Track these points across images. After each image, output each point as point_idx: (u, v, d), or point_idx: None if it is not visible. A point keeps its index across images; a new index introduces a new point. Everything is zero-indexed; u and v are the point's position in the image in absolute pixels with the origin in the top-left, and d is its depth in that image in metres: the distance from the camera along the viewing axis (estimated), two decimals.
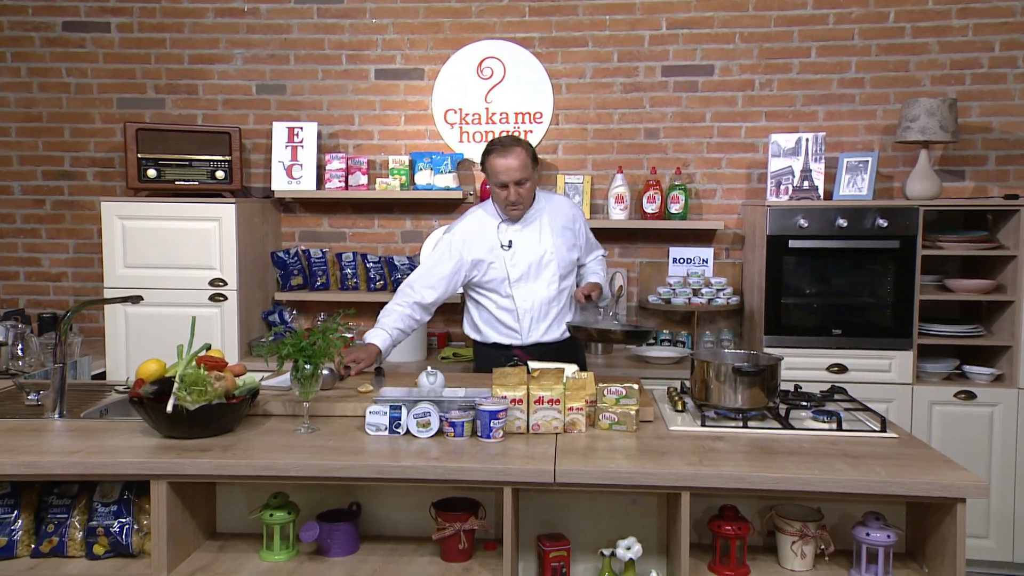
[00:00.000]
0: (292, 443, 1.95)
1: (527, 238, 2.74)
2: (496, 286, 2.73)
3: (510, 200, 2.65)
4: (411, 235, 3.90)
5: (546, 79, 3.76)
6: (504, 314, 2.76)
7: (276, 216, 3.89)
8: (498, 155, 2.62)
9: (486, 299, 2.78)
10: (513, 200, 2.64)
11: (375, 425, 2.03)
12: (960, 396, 3.24)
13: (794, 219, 3.27)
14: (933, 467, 1.80)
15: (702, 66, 3.70)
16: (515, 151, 2.62)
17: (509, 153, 2.62)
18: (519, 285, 2.72)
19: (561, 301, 2.77)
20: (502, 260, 2.71)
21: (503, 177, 2.62)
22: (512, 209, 2.68)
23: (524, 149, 2.64)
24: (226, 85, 3.87)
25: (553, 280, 2.74)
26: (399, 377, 2.61)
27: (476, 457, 1.86)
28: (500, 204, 2.69)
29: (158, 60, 3.87)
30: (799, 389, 2.44)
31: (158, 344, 3.30)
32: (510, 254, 2.71)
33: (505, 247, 2.71)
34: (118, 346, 3.46)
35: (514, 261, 2.71)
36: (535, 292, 2.73)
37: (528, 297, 2.73)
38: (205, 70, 3.87)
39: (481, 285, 2.76)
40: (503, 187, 2.63)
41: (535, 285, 2.73)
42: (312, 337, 2.05)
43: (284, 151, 3.72)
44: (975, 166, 3.62)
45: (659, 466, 1.81)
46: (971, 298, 3.31)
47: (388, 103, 3.85)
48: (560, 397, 2.05)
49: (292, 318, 3.76)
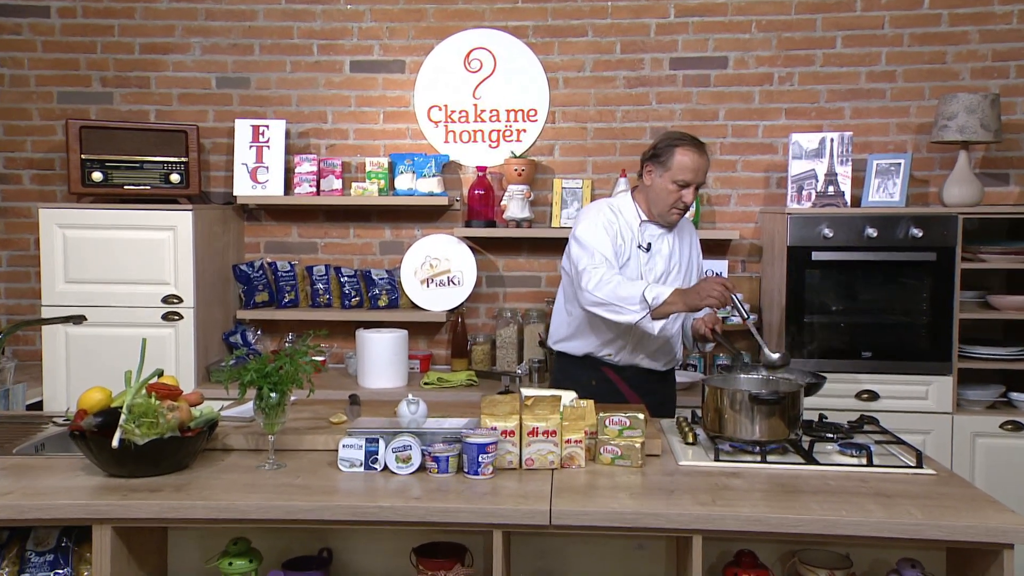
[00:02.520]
0: (255, 481, 1.94)
1: (664, 247, 2.75)
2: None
3: (684, 202, 2.65)
4: (391, 246, 3.91)
5: (541, 72, 3.79)
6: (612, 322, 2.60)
7: (239, 225, 3.89)
8: (690, 149, 2.62)
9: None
10: (687, 202, 2.66)
11: (349, 460, 2.03)
12: (1007, 427, 3.26)
13: (818, 228, 3.30)
14: (976, 508, 1.81)
15: (715, 58, 3.75)
16: (705, 152, 2.65)
17: (701, 152, 2.63)
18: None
19: (674, 329, 2.75)
20: (637, 260, 2.70)
21: (690, 176, 2.61)
22: (677, 213, 2.69)
23: (707, 153, 2.68)
24: (182, 78, 3.88)
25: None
26: (376, 406, 2.61)
27: (462, 496, 1.86)
28: (666, 204, 2.66)
29: (105, 49, 3.89)
30: (824, 419, 2.45)
31: (103, 370, 3.28)
32: (646, 257, 2.71)
33: (643, 248, 2.71)
34: (57, 372, 3.44)
35: (648, 266, 2.71)
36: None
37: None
38: (158, 61, 3.88)
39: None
40: (684, 186, 2.63)
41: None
42: (278, 361, 2.06)
43: (248, 152, 3.74)
44: (1021, 169, 3.66)
45: (667, 506, 1.82)
46: (1018, 316, 3.33)
47: (365, 99, 3.87)
48: (556, 428, 2.06)
49: (256, 339, 3.76)
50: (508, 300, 3.89)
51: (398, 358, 3.48)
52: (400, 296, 3.78)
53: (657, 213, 2.71)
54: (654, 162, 2.67)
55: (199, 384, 3.46)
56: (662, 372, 2.80)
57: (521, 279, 3.88)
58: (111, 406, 2.03)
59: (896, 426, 2.83)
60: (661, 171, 2.64)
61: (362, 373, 3.46)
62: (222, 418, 2.30)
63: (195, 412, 2.08)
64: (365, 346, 3.44)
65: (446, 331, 3.90)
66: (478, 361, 3.76)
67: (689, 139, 2.66)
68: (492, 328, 3.84)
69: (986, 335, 3.52)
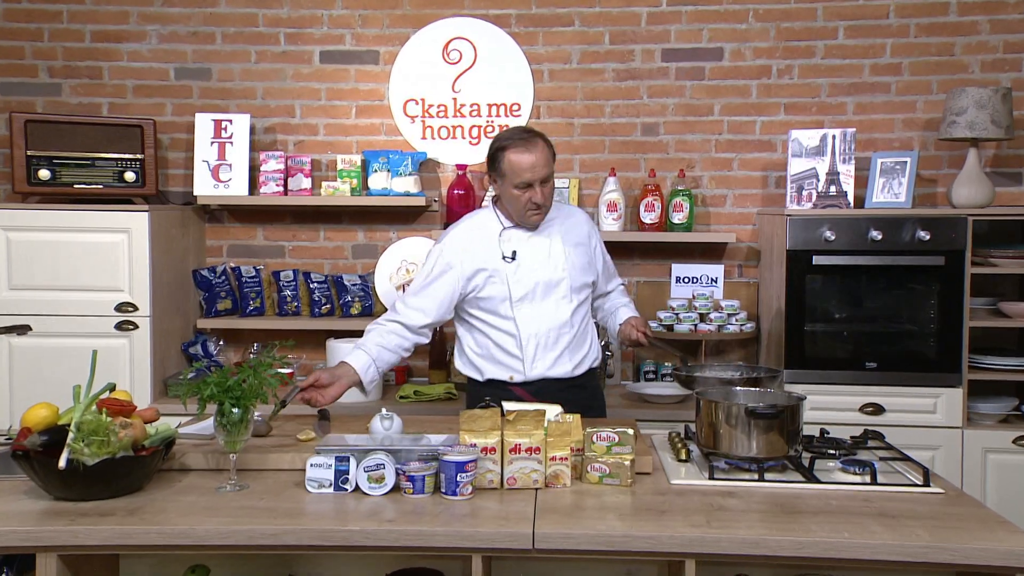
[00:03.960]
0: (215, 504, 1.93)
1: (534, 250, 2.74)
2: (495, 306, 2.73)
3: (535, 202, 2.66)
4: (364, 249, 3.90)
5: (525, 64, 3.81)
6: (505, 339, 2.73)
7: (199, 227, 3.87)
8: (519, 149, 2.62)
9: (482, 323, 2.77)
10: (539, 202, 2.66)
11: (317, 481, 2.02)
12: (1020, 442, 3.28)
13: (819, 231, 3.33)
14: (987, 529, 1.83)
15: (709, 49, 3.77)
16: (537, 144, 2.64)
17: (532, 146, 2.63)
18: (522, 306, 2.72)
19: (574, 329, 2.76)
20: (503, 274, 2.71)
21: (528, 175, 2.62)
22: (534, 214, 2.69)
23: (544, 141, 2.67)
24: (138, 68, 3.86)
25: (564, 302, 2.74)
26: (348, 421, 2.60)
27: (439, 519, 1.86)
28: (519, 209, 2.68)
29: (53, 37, 3.86)
30: (826, 434, 2.47)
31: (49, 384, 3.25)
32: (513, 267, 2.71)
33: (508, 259, 2.71)
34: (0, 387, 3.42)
35: (518, 276, 2.71)
36: (542, 315, 2.72)
37: (533, 321, 2.72)
38: (111, 50, 3.86)
39: (477, 304, 2.75)
40: (526, 187, 2.63)
41: (542, 307, 2.73)
42: (241, 374, 2.05)
43: (209, 148, 3.72)
44: None
45: (659, 528, 1.82)
46: None
47: (336, 92, 3.87)
48: (540, 445, 2.06)
49: (218, 350, 3.74)
50: None
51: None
52: (374, 303, 3.77)
53: (517, 218, 2.72)
54: (493, 170, 2.69)
55: (155, 399, 3.44)
56: (576, 378, 2.77)
57: None
58: (58, 423, 2.01)
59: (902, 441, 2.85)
60: (501, 179, 2.66)
61: None
62: (180, 436, 2.28)
63: (150, 429, 2.06)
64: (336, 357, 3.41)
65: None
66: (457, 373, 3.75)
67: (517, 136, 2.65)
68: None
69: (998, 344, 3.56)
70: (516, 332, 2.72)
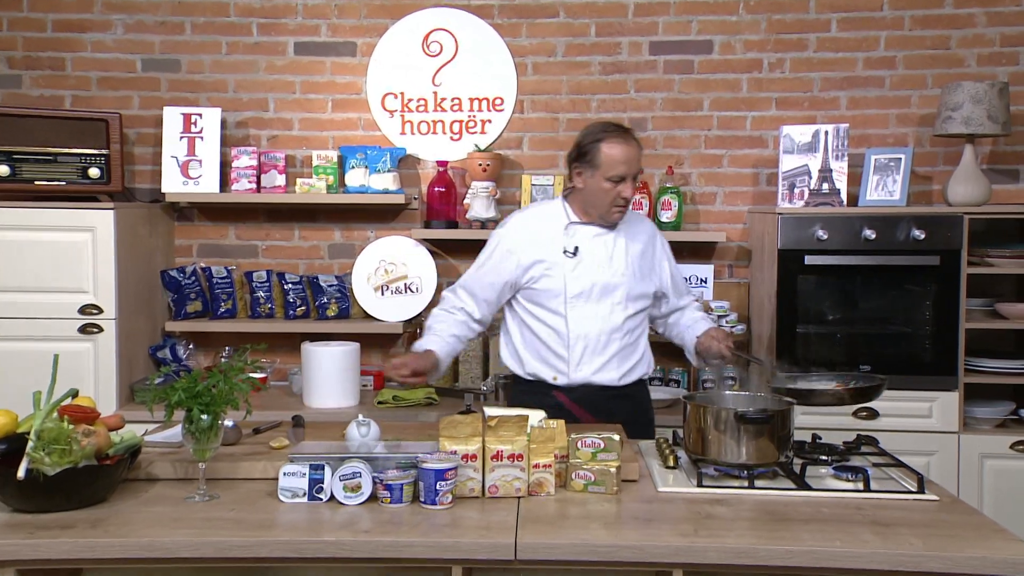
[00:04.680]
0: (183, 515, 1.93)
1: (597, 250, 2.76)
2: (547, 300, 2.75)
3: (623, 197, 2.69)
4: (341, 249, 3.89)
5: (508, 57, 3.81)
6: (552, 337, 2.76)
7: (168, 225, 3.86)
8: (616, 141, 2.66)
9: (531, 316, 2.79)
10: (627, 197, 2.69)
11: (291, 490, 2.02)
12: (1018, 447, 3.32)
13: (811, 229, 3.35)
14: (982, 537, 1.85)
15: (699, 42, 3.79)
16: (632, 138, 2.70)
17: (629, 140, 2.68)
18: (576, 304, 2.73)
19: (626, 337, 2.77)
20: (562, 268, 2.73)
21: (622, 169, 2.64)
22: (619, 210, 2.72)
23: (636, 138, 2.74)
24: (102, 59, 3.84)
25: (618, 308, 2.75)
26: (323, 428, 2.60)
27: (418, 529, 1.86)
28: (605, 203, 2.70)
29: (12, 26, 3.83)
30: (818, 440, 2.49)
31: (8, 390, 3.21)
32: (573, 263, 2.74)
33: (569, 253, 2.74)
34: None
35: (576, 273, 2.73)
36: (594, 317, 2.74)
37: (584, 321, 2.73)
38: (75, 40, 3.84)
39: (529, 296, 2.78)
40: (619, 181, 2.66)
41: (596, 309, 2.74)
42: (211, 379, 2.04)
43: (178, 144, 3.70)
44: None
45: (645, 537, 1.83)
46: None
47: (311, 85, 3.86)
48: (523, 451, 2.06)
49: (188, 354, 3.72)
50: None
51: (349, 374, 3.47)
52: (351, 305, 3.76)
53: (597, 215, 2.74)
54: (582, 162, 2.71)
55: (121, 405, 3.41)
56: (623, 387, 2.78)
57: None
58: (17, 431, 2.00)
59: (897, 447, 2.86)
60: (591, 171, 2.68)
61: (308, 391, 3.44)
62: (146, 444, 2.28)
63: (114, 437, 2.05)
64: (311, 361, 3.42)
65: (403, 344, 3.88)
66: (439, 378, 3.75)
67: (613, 129, 2.70)
68: None
69: (995, 347, 3.59)
70: (565, 331, 2.74)
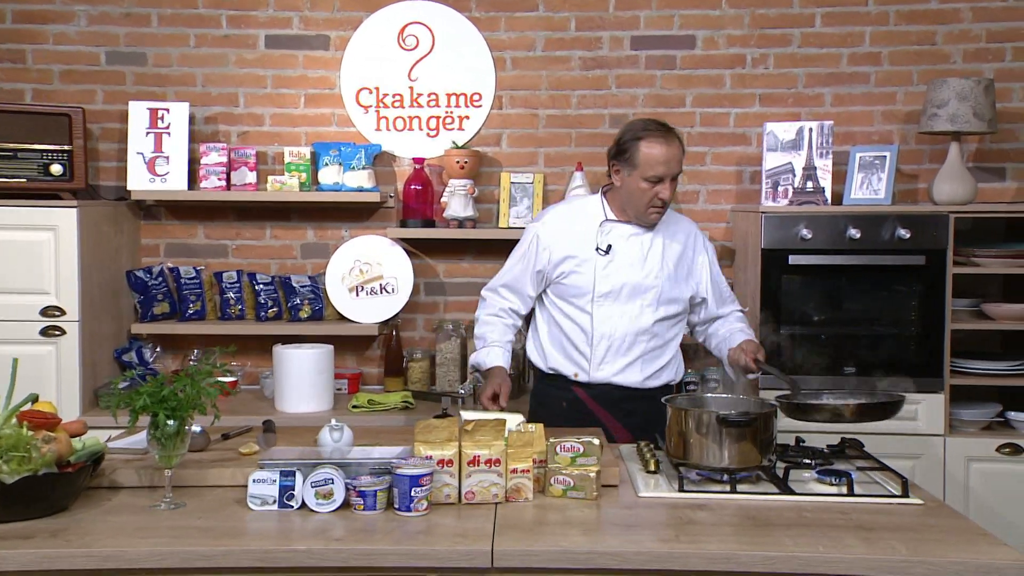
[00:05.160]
0: (148, 524, 1.92)
1: (631, 250, 2.78)
2: (575, 296, 2.78)
3: (661, 198, 2.69)
4: (314, 248, 3.88)
5: (486, 51, 3.81)
6: (576, 333, 2.80)
7: (134, 224, 3.83)
8: (656, 140, 2.66)
9: (558, 311, 2.83)
10: (665, 199, 2.70)
11: (260, 497, 2.01)
12: (1004, 450, 3.35)
13: (795, 229, 3.37)
14: (967, 542, 1.87)
15: (681, 37, 3.80)
16: (674, 138, 2.71)
17: (670, 139, 2.68)
18: (603, 303, 2.76)
19: (653, 340, 2.79)
20: (592, 266, 2.76)
21: (661, 169, 2.65)
22: (656, 212, 2.73)
23: (679, 137, 2.74)
24: (65, 52, 3.81)
25: (648, 310, 2.76)
26: (295, 434, 2.59)
27: (392, 536, 1.86)
28: (642, 204, 2.71)
29: None
30: (801, 443, 2.51)
31: None
32: (604, 262, 2.76)
33: (602, 251, 2.76)
34: None
35: (607, 272, 2.76)
36: (621, 318, 2.76)
37: (610, 321, 2.76)
38: (36, 31, 3.80)
39: (558, 291, 2.82)
40: (657, 182, 2.67)
41: (624, 309, 2.76)
42: (177, 383, 2.04)
43: (145, 140, 3.68)
44: (1018, 162, 3.78)
45: (625, 543, 1.84)
46: (1015, 327, 3.43)
47: (283, 79, 3.84)
48: (501, 456, 2.07)
49: (155, 357, 3.70)
50: (449, 310, 3.89)
51: (322, 378, 3.45)
52: (325, 306, 3.75)
53: (634, 215, 2.76)
54: (620, 160, 2.72)
55: (85, 411, 3.38)
56: (645, 390, 2.79)
57: (464, 286, 3.88)
58: None
59: (882, 450, 2.90)
60: (629, 169, 2.69)
61: (280, 395, 3.43)
62: (110, 450, 2.26)
63: (76, 444, 2.04)
64: (284, 364, 3.41)
65: (378, 346, 3.88)
66: (415, 380, 3.75)
67: (655, 127, 2.71)
68: (431, 343, 3.83)
69: (981, 348, 3.63)
70: (590, 329, 2.77)
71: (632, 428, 2.67)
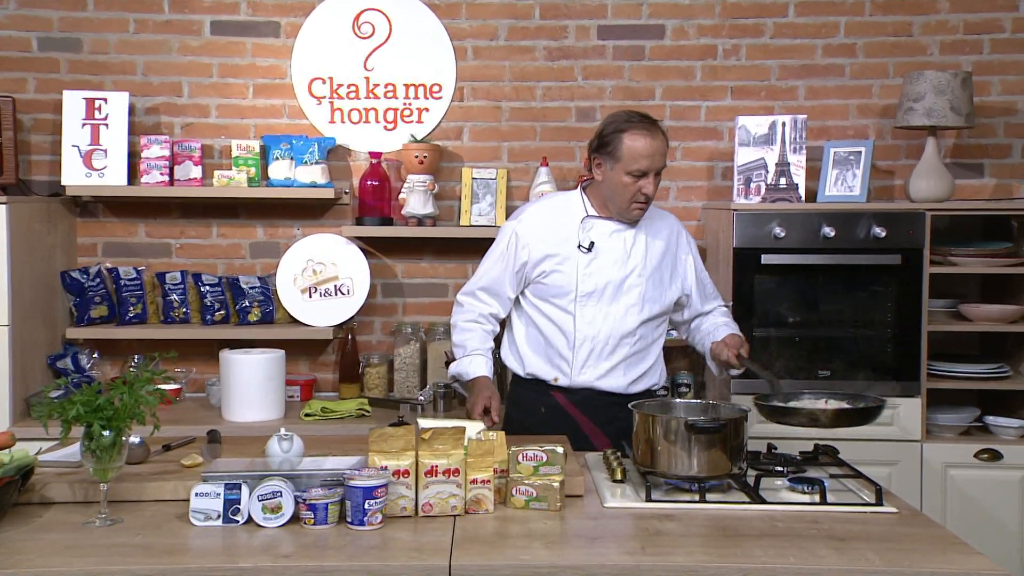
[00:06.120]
0: (81, 542, 1.90)
1: (615, 247, 2.79)
2: (556, 296, 2.78)
3: (644, 193, 2.70)
4: (264, 248, 3.86)
5: (446, 40, 3.81)
6: (557, 336, 2.80)
7: (69, 222, 3.79)
8: (640, 133, 2.67)
9: (538, 312, 2.83)
10: (648, 194, 2.71)
11: (204, 512, 1.99)
12: (982, 456, 3.41)
13: (768, 227, 3.41)
14: (941, 551, 1.90)
15: (650, 26, 3.83)
16: (659, 130, 2.72)
17: (654, 132, 2.69)
18: (586, 303, 2.76)
19: (637, 343, 2.80)
20: (574, 264, 2.76)
21: (645, 163, 2.66)
22: (639, 207, 2.74)
23: (662, 130, 2.76)
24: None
25: (633, 310, 2.77)
26: (243, 444, 2.57)
27: (344, 552, 1.85)
28: (624, 199, 2.72)
29: None
30: (773, 450, 2.53)
31: None
32: (586, 260, 2.76)
33: (584, 248, 2.76)
34: None
35: (589, 270, 2.76)
36: (604, 319, 2.76)
37: (594, 322, 2.76)
38: None
39: (538, 292, 2.82)
40: (640, 176, 2.67)
41: (608, 310, 2.77)
42: (113, 391, 2.02)
43: (80, 132, 3.64)
44: (996, 158, 3.86)
45: (589, 556, 1.85)
46: (993, 328, 3.50)
47: (230, 68, 3.82)
48: (460, 466, 2.06)
49: (92, 364, 3.66)
50: (408, 313, 3.88)
51: (273, 384, 3.44)
52: (275, 309, 3.74)
53: (616, 211, 2.78)
54: (602, 153, 2.73)
55: (16, 421, 3.35)
56: (628, 396, 2.78)
57: (424, 287, 3.88)
58: None
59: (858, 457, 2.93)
60: (612, 163, 2.71)
61: (227, 404, 3.40)
62: (40, 463, 2.23)
63: (4, 457, 2.01)
64: (231, 370, 3.38)
65: (333, 351, 3.87)
66: (372, 387, 3.74)
67: (638, 119, 2.72)
68: (389, 347, 3.83)
69: (958, 350, 3.69)
70: (572, 330, 2.77)
71: (612, 435, 2.67)
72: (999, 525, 3.39)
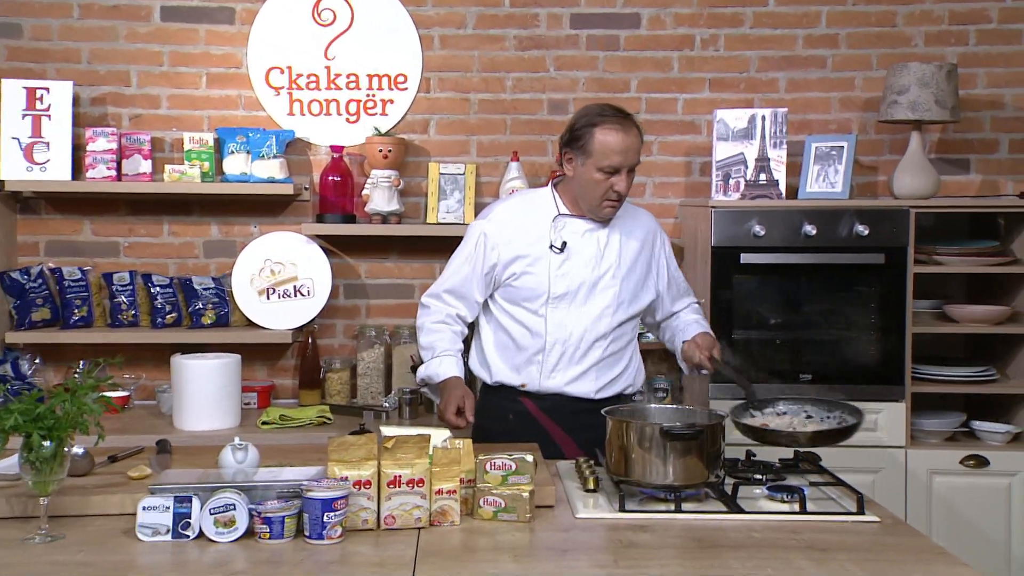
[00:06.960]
0: (19, 559, 1.88)
1: (588, 247, 2.79)
2: (527, 299, 2.78)
3: (616, 190, 2.70)
4: (219, 247, 3.84)
5: (412, 28, 3.81)
6: (527, 339, 2.79)
7: (9, 219, 3.76)
8: (613, 128, 2.66)
9: (507, 316, 2.82)
10: (621, 191, 2.71)
11: (151, 527, 1.98)
12: (968, 462, 3.45)
13: (747, 225, 3.43)
14: (924, 561, 1.91)
15: (625, 15, 3.85)
16: (632, 125, 2.72)
17: (628, 127, 2.69)
18: (559, 305, 2.76)
19: (610, 346, 2.80)
20: (546, 265, 2.76)
21: (617, 159, 2.66)
22: (611, 205, 2.74)
23: (637, 125, 2.75)
24: None
25: (607, 312, 2.77)
26: (195, 454, 2.56)
27: (302, 568, 1.84)
28: (595, 196, 2.72)
29: None
30: (752, 457, 2.54)
31: None
32: (559, 260, 2.76)
33: (556, 249, 2.76)
34: None
35: (562, 271, 2.76)
36: (577, 322, 2.76)
37: (566, 326, 2.76)
38: None
39: (508, 295, 2.81)
40: (612, 173, 2.67)
41: (580, 312, 2.77)
42: (54, 400, 2.00)
43: (21, 123, 3.61)
44: (982, 153, 3.90)
45: (559, 569, 1.85)
46: (980, 330, 3.54)
47: (182, 56, 3.80)
48: (424, 476, 2.06)
49: (34, 370, 3.62)
50: (372, 315, 3.88)
51: (227, 391, 3.42)
52: (231, 311, 3.72)
53: (587, 208, 2.78)
54: (573, 148, 2.74)
55: None
56: (599, 401, 2.79)
57: (389, 288, 3.87)
58: None
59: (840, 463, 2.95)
60: (583, 158, 2.71)
61: (179, 411, 3.38)
62: None
63: None
64: (183, 376, 3.36)
65: (292, 355, 3.86)
66: (334, 393, 3.73)
67: (611, 113, 2.73)
68: (352, 351, 3.83)
69: (944, 353, 3.73)
70: (542, 333, 2.77)
71: (583, 443, 2.68)
72: (985, 535, 3.43)
